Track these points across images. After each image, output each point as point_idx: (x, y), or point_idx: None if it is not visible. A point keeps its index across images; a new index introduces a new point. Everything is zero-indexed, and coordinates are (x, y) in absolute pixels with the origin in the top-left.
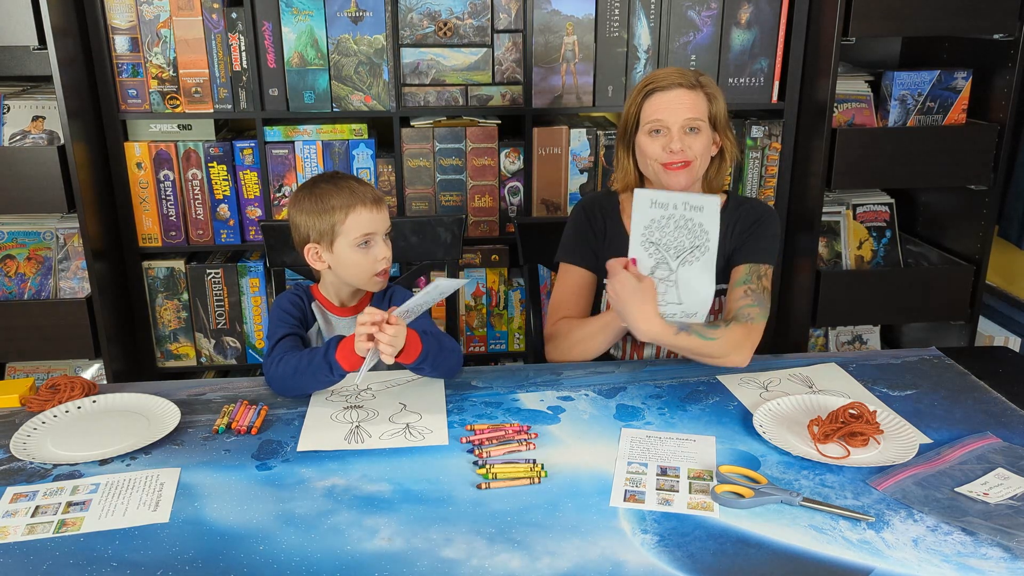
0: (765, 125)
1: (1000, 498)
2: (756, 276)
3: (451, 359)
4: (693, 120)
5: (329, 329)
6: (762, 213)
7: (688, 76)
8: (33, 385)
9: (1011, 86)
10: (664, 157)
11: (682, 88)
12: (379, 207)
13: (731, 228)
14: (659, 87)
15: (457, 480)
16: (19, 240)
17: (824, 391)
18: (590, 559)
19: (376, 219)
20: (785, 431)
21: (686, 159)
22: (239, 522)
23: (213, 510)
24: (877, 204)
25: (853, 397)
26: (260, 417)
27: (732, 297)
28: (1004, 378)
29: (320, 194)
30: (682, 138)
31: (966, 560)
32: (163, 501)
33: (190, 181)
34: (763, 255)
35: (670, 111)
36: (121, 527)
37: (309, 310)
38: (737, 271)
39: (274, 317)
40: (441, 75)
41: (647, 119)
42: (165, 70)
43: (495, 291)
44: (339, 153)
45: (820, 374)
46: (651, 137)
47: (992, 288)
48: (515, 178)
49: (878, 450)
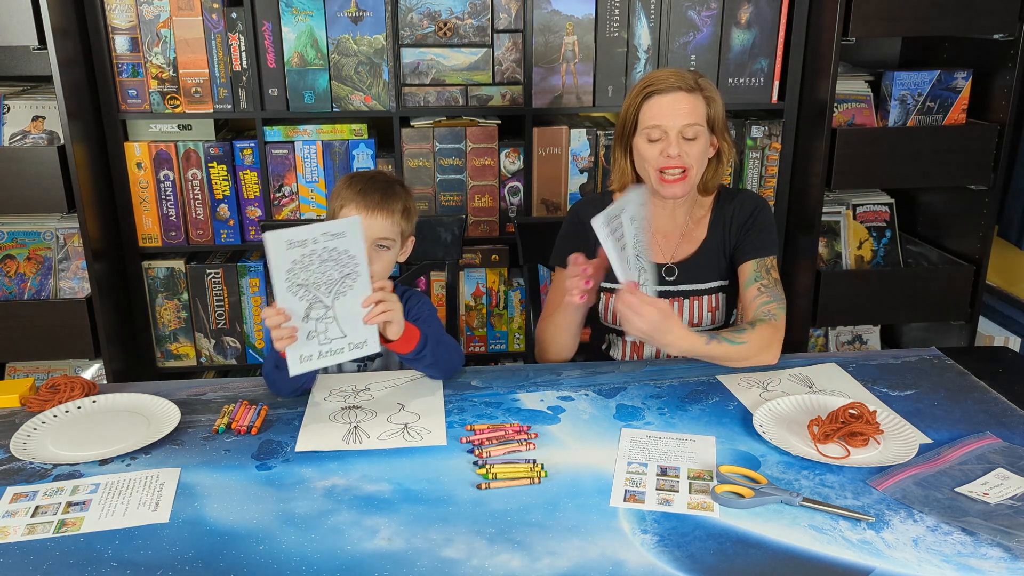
0: (765, 125)
1: (1000, 498)
2: (764, 270)
3: (451, 355)
4: (691, 126)
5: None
6: (755, 205)
7: (687, 78)
8: (33, 385)
9: (1011, 86)
10: (661, 162)
11: (681, 91)
12: (373, 213)
13: (727, 223)
14: (658, 90)
15: (457, 480)
16: (19, 240)
17: (824, 391)
18: (590, 559)
19: (370, 225)
20: (785, 431)
21: (683, 165)
22: (239, 522)
23: (213, 510)
24: (877, 204)
25: (853, 397)
26: (260, 417)
27: (747, 297)
28: (1004, 378)
29: (345, 183)
30: (680, 144)
31: (966, 560)
32: (163, 501)
33: (190, 181)
34: (766, 248)
35: (668, 116)
36: (121, 527)
37: None
38: (745, 269)
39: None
40: (441, 75)
41: (645, 123)
42: (165, 70)
43: (495, 291)
44: (339, 153)
45: (820, 374)
46: (649, 143)
47: (992, 288)
48: (515, 178)
49: (878, 450)
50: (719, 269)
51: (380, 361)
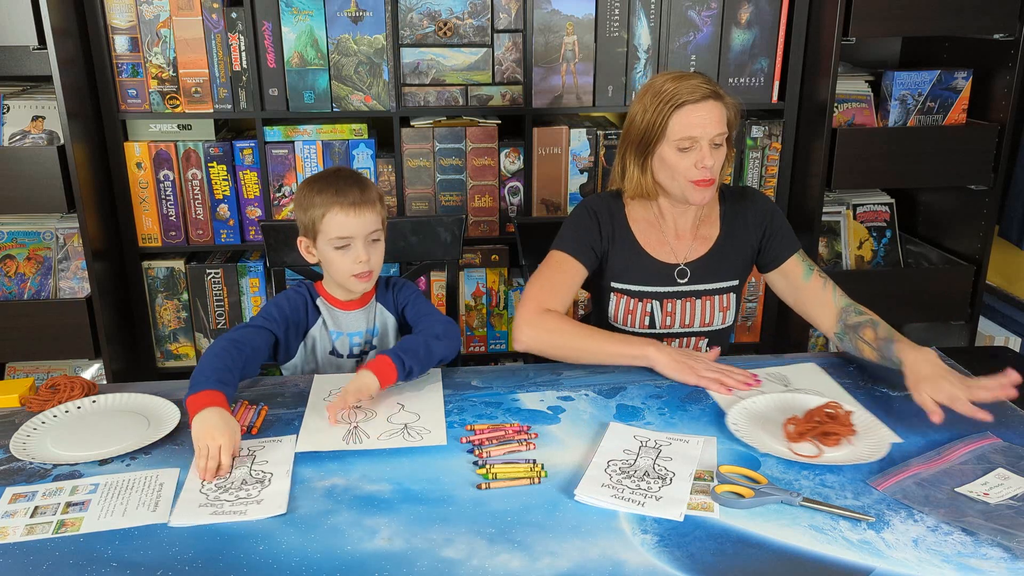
0: (765, 125)
1: (1000, 498)
2: (808, 260)
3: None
4: (721, 135)
5: (335, 323)
6: (764, 202)
7: (711, 85)
8: (33, 385)
9: (1011, 86)
10: (696, 174)
11: (711, 100)
12: (359, 211)
13: (740, 221)
14: (690, 100)
15: (457, 480)
16: (19, 240)
17: (800, 390)
18: (590, 559)
19: (352, 223)
20: (759, 429)
21: (712, 177)
22: (239, 522)
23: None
24: (877, 204)
25: (829, 396)
26: (260, 417)
27: (814, 287)
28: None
29: (312, 189)
30: (712, 154)
31: (966, 560)
32: (163, 501)
33: (190, 181)
34: (795, 239)
35: (702, 126)
36: (121, 527)
37: (313, 307)
38: (792, 264)
39: (263, 308)
40: (441, 75)
41: (678, 134)
42: (165, 70)
43: (495, 291)
44: (339, 153)
45: (798, 373)
46: (680, 152)
47: (992, 288)
48: (515, 178)
49: (849, 449)
50: (734, 268)
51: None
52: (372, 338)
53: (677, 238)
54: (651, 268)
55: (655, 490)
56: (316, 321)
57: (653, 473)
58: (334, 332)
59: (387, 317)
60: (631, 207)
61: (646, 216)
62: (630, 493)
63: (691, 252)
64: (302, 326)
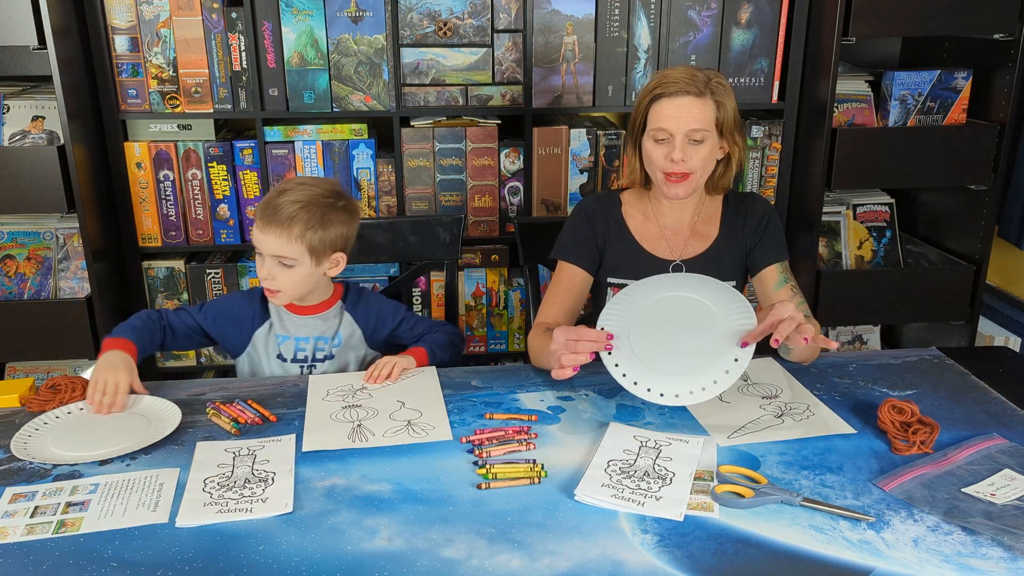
0: (765, 125)
1: (1007, 499)
2: (788, 272)
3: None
4: (697, 131)
5: (282, 326)
6: (765, 207)
7: (698, 81)
8: (33, 385)
9: (1011, 86)
10: (667, 166)
11: (689, 96)
12: (265, 230)
13: (739, 223)
14: (666, 93)
15: (457, 480)
16: (19, 240)
17: (757, 384)
18: (590, 559)
19: (259, 238)
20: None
21: (686, 170)
22: (239, 522)
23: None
24: (877, 204)
25: (789, 392)
26: (257, 410)
27: (781, 296)
28: (1004, 378)
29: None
30: (684, 148)
31: (966, 560)
32: (163, 501)
33: (190, 181)
34: (784, 252)
35: (674, 120)
36: (121, 527)
37: (262, 308)
38: (771, 272)
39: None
40: (441, 75)
41: (652, 125)
42: (165, 70)
43: (495, 291)
44: (339, 153)
45: (757, 370)
46: (655, 143)
47: (992, 288)
48: (515, 178)
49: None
50: (730, 269)
51: (332, 363)
52: (331, 347)
53: (675, 234)
54: (646, 263)
55: (655, 490)
56: (264, 323)
57: (653, 473)
58: (280, 335)
59: (354, 329)
60: (628, 203)
61: (643, 211)
62: (630, 493)
63: (688, 249)
64: (246, 325)
